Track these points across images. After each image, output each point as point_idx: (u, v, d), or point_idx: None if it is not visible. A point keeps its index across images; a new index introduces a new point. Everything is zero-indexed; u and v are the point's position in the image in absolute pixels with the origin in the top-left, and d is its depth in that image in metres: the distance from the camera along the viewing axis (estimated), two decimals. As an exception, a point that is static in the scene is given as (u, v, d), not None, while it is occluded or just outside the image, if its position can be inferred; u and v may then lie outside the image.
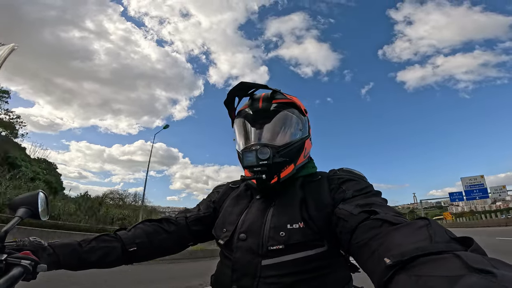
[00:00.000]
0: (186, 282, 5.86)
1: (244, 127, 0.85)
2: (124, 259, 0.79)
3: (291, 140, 0.80)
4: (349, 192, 0.71)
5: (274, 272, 0.68)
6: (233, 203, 0.87)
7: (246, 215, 0.79)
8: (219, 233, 0.81)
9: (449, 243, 0.40)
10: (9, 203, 0.68)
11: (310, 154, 0.91)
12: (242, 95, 0.87)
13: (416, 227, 0.47)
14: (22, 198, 0.68)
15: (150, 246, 0.83)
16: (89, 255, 0.73)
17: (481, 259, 0.33)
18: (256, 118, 0.82)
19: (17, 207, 0.66)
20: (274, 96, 0.83)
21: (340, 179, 0.77)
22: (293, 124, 0.82)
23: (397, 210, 0.61)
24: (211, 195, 1.00)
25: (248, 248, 0.72)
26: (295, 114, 0.82)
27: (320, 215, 0.70)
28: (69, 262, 0.70)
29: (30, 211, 0.66)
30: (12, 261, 0.55)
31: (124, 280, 5.59)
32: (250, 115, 0.83)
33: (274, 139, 0.79)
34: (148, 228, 0.86)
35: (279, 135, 0.80)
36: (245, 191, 0.89)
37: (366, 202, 0.64)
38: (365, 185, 0.73)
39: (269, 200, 0.80)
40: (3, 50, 0.90)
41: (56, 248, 0.68)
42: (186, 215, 0.93)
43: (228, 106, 0.88)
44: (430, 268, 0.36)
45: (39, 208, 0.68)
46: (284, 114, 0.81)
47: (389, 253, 0.43)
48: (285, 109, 0.81)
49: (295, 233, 0.69)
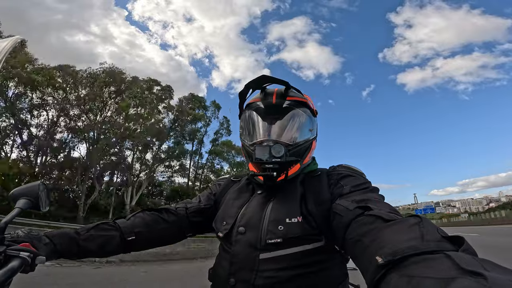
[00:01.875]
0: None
1: (254, 120, 0.84)
2: (123, 248, 0.80)
3: (301, 140, 0.80)
4: (346, 188, 0.71)
5: (271, 265, 0.68)
6: (234, 197, 0.87)
7: (246, 209, 0.79)
8: (219, 226, 0.81)
9: (440, 242, 0.40)
10: (10, 194, 0.67)
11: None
12: (256, 87, 0.85)
13: (408, 225, 0.47)
14: (22, 189, 0.68)
15: (148, 235, 0.84)
16: (87, 243, 0.73)
17: (472, 261, 0.33)
18: (268, 113, 0.81)
19: (17, 198, 0.66)
20: (288, 93, 0.82)
21: (339, 175, 0.77)
22: (305, 124, 0.82)
23: (393, 207, 0.61)
24: (212, 188, 1.00)
25: (246, 242, 0.72)
26: (307, 114, 0.82)
27: (319, 210, 0.71)
28: (68, 251, 0.70)
29: (30, 202, 0.66)
30: (11, 253, 0.55)
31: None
32: (262, 109, 0.83)
33: (285, 137, 0.79)
34: (147, 217, 0.86)
35: (290, 133, 0.80)
36: (246, 185, 0.89)
37: (362, 197, 0.65)
38: (363, 181, 0.73)
39: (269, 194, 0.80)
40: (7, 42, 0.89)
41: (53, 237, 0.68)
42: (186, 206, 0.93)
43: (242, 97, 0.86)
44: (421, 268, 0.36)
45: (40, 199, 0.68)
46: (296, 112, 0.81)
47: (381, 251, 0.43)
48: (298, 108, 0.81)
49: (293, 227, 0.69)
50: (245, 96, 0.85)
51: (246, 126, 0.86)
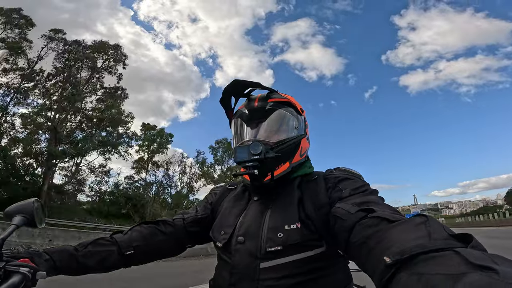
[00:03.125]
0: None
1: (240, 126, 0.85)
2: (122, 262, 0.79)
3: (285, 138, 0.80)
4: (345, 191, 0.70)
5: (273, 274, 0.67)
6: (231, 205, 0.86)
7: (244, 218, 0.78)
8: (217, 235, 0.80)
9: (448, 240, 0.40)
10: (5, 211, 0.67)
11: (308, 154, 0.90)
12: (239, 95, 0.86)
13: (414, 224, 0.47)
14: (17, 206, 0.67)
15: (146, 248, 0.83)
16: (86, 259, 0.73)
17: (482, 256, 0.32)
18: (251, 117, 0.82)
19: (13, 215, 0.65)
20: (270, 95, 0.83)
21: (336, 178, 0.76)
22: (288, 122, 0.82)
23: (394, 208, 0.60)
24: (208, 197, 0.99)
25: (246, 251, 0.71)
26: (290, 112, 0.83)
27: (318, 215, 0.70)
28: (67, 267, 0.70)
29: (26, 219, 0.66)
30: (11, 268, 0.55)
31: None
32: (245, 114, 0.83)
33: (268, 136, 0.79)
34: (144, 230, 0.85)
35: (274, 133, 0.80)
36: (242, 192, 0.89)
37: (363, 200, 0.64)
38: (361, 184, 0.73)
39: (266, 201, 0.79)
40: None
41: (53, 254, 0.68)
42: (183, 217, 0.92)
43: (225, 106, 0.88)
44: (431, 266, 0.35)
45: (35, 215, 0.68)
46: (279, 112, 0.81)
47: (388, 251, 0.43)
48: (281, 108, 0.82)
49: (293, 234, 0.68)
50: (227, 103, 0.87)
51: (233, 133, 0.87)
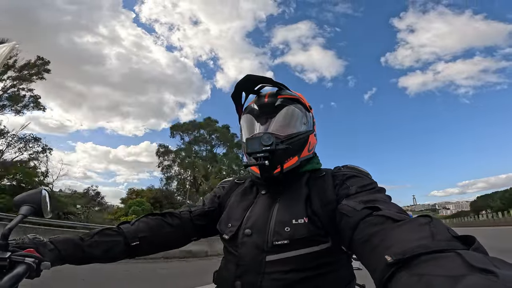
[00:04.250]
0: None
1: (250, 121, 0.86)
2: (127, 253, 0.79)
3: (295, 132, 0.81)
4: (353, 188, 0.71)
5: (278, 268, 0.68)
6: (239, 199, 0.87)
7: (251, 211, 0.79)
8: (224, 228, 0.81)
9: (451, 241, 0.40)
10: (13, 200, 0.67)
11: (315, 150, 0.91)
12: (249, 91, 0.87)
13: (418, 224, 0.47)
14: (24, 196, 0.67)
15: (153, 240, 0.83)
16: (92, 249, 0.73)
17: (483, 258, 0.32)
18: (261, 112, 0.83)
19: (20, 204, 0.65)
20: (280, 92, 0.84)
21: (344, 175, 0.77)
22: (297, 118, 0.83)
23: (400, 207, 0.60)
24: (216, 191, 1.00)
25: (253, 244, 0.72)
26: (299, 109, 0.84)
27: (324, 211, 0.71)
28: (73, 257, 0.70)
29: (33, 209, 0.66)
30: (16, 259, 0.55)
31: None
32: (255, 110, 0.84)
33: (278, 130, 0.80)
34: (151, 221, 0.86)
35: (283, 127, 0.81)
36: (250, 187, 0.89)
37: (369, 198, 0.64)
38: (369, 182, 0.73)
39: (274, 195, 0.80)
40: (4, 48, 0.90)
41: (58, 243, 0.68)
42: (190, 210, 0.93)
43: (235, 101, 0.88)
44: (431, 266, 0.35)
45: (42, 205, 0.68)
46: (288, 108, 0.82)
47: (390, 250, 0.43)
48: (290, 104, 0.83)
49: (300, 228, 0.69)
50: (238, 99, 0.88)
51: (242, 128, 0.88)
